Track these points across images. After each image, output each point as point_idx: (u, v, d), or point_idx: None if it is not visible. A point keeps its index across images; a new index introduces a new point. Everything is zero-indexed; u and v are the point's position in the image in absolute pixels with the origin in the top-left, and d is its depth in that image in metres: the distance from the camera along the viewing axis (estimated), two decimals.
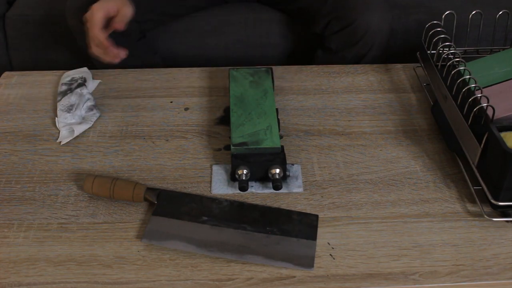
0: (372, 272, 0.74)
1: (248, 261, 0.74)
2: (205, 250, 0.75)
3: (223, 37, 1.36)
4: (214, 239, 0.77)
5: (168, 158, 0.92)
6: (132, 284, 0.72)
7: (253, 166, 0.85)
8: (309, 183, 0.87)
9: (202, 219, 0.80)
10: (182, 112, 1.02)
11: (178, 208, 0.81)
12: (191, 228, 0.78)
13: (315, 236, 0.78)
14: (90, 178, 0.83)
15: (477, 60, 0.98)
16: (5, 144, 0.95)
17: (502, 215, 0.81)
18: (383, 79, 1.11)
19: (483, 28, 1.06)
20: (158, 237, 0.77)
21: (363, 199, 0.84)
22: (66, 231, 0.79)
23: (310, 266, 0.74)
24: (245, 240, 0.77)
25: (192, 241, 0.76)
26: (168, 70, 1.14)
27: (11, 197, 0.85)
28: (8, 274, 0.73)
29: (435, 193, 0.85)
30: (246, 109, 0.94)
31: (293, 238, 0.77)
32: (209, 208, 0.82)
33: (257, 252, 0.75)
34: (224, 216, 0.80)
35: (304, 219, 0.81)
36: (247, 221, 0.80)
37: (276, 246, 0.76)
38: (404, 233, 0.79)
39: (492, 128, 0.79)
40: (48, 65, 1.40)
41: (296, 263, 0.74)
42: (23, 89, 1.08)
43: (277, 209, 0.83)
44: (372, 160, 0.91)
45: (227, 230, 0.78)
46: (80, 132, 0.96)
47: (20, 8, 1.42)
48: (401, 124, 0.99)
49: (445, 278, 0.73)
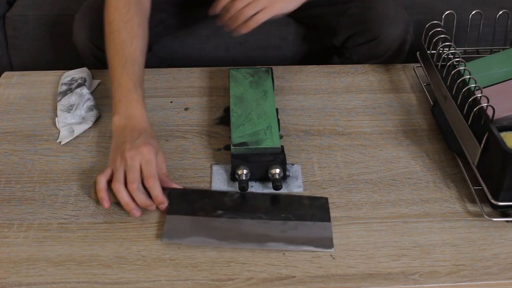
0: (372, 272, 0.74)
1: (270, 249, 0.76)
2: (226, 243, 0.77)
3: (224, 40, 1.36)
4: (233, 231, 0.78)
5: (168, 158, 0.92)
6: (132, 284, 0.72)
7: (253, 166, 0.85)
8: (309, 183, 0.87)
9: (217, 213, 0.81)
10: (182, 112, 1.02)
11: (192, 205, 0.82)
12: (208, 223, 0.79)
13: (329, 218, 0.80)
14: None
15: (477, 60, 0.98)
16: (5, 144, 0.95)
17: (502, 215, 0.81)
18: (383, 79, 1.11)
19: (483, 28, 1.06)
20: (177, 235, 0.77)
21: (363, 199, 0.84)
22: (66, 231, 0.79)
23: (330, 247, 0.76)
24: (263, 229, 0.78)
25: (212, 236, 0.77)
26: (168, 70, 1.14)
27: (11, 197, 0.85)
28: (8, 274, 0.73)
29: (435, 193, 0.85)
30: (246, 109, 0.94)
31: (309, 222, 0.80)
32: (222, 201, 0.83)
33: (277, 239, 0.77)
34: (238, 208, 0.82)
35: (315, 203, 0.83)
36: (261, 210, 0.81)
37: (294, 231, 0.78)
38: (404, 233, 0.79)
39: (492, 128, 0.79)
40: (48, 65, 1.40)
41: (316, 245, 0.76)
42: (23, 89, 1.08)
43: (288, 195, 0.84)
44: (372, 160, 0.91)
45: (244, 221, 0.80)
46: (80, 132, 0.96)
47: (20, 8, 1.42)
48: (401, 124, 0.99)
49: (445, 278, 0.73)
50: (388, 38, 1.15)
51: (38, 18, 1.39)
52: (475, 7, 1.06)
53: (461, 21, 1.07)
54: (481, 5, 1.35)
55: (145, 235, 0.78)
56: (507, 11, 1.06)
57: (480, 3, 1.38)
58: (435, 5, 1.39)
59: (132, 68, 0.93)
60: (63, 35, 1.36)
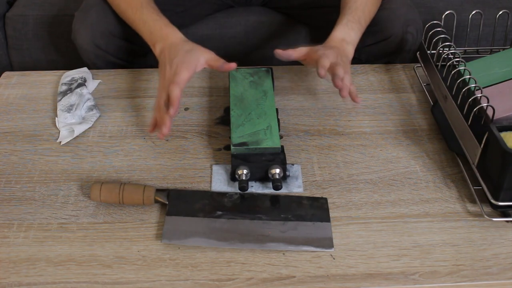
0: (372, 272, 0.74)
1: (271, 249, 0.76)
2: (226, 243, 0.77)
3: (224, 40, 1.36)
4: (233, 231, 0.78)
5: (168, 158, 0.92)
6: (132, 284, 0.72)
7: (253, 166, 0.85)
8: (309, 183, 0.87)
9: (216, 213, 0.81)
10: (182, 112, 1.02)
11: (191, 206, 0.82)
12: (208, 224, 0.79)
13: (329, 218, 0.80)
14: (96, 186, 0.82)
15: (477, 60, 0.98)
16: (5, 144, 0.95)
17: (502, 215, 0.81)
18: (383, 79, 1.11)
19: (483, 28, 1.06)
20: (177, 236, 0.77)
21: (363, 199, 0.84)
22: (66, 231, 0.79)
23: (330, 247, 0.76)
24: (263, 229, 0.78)
25: (212, 236, 0.77)
26: None
27: (11, 197, 0.85)
28: (8, 274, 0.73)
29: (435, 193, 0.85)
30: (246, 109, 0.94)
31: (308, 222, 0.80)
32: (221, 202, 0.83)
33: (277, 239, 0.77)
34: (238, 209, 0.82)
35: (315, 203, 0.83)
36: (261, 211, 0.81)
37: (294, 231, 0.78)
38: (404, 233, 0.79)
39: (492, 128, 0.79)
40: (48, 65, 1.40)
41: (316, 245, 0.76)
42: (23, 89, 1.08)
43: (287, 196, 0.84)
44: (372, 160, 0.91)
45: (244, 221, 0.80)
46: (80, 132, 0.96)
47: (20, 8, 1.42)
48: (401, 124, 0.99)
49: (445, 278, 0.73)
50: (399, 38, 1.14)
51: (38, 18, 1.39)
52: (475, 7, 1.06)
53: (461, 21, 1.07)
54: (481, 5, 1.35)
55: (145, 235, 0.78)
56: (507, 11, 1.06)
57: (480, 3, 1.38)
58: (435, 5, 1.39)
59: (149, 6, 1.02)
60: (63, 35, 1.36)
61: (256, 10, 1.38)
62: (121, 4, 1.07)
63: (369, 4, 1.05)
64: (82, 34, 1.14)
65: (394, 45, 1.16)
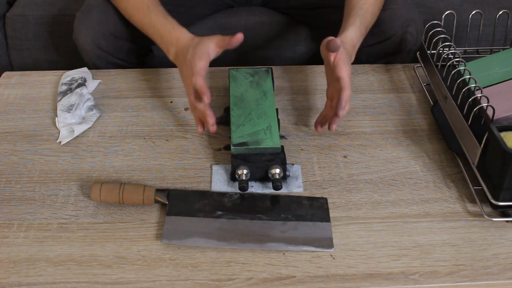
0: (372, 272, 0.74)
1: (271, 249, 0.76)
2: (226, 243, 0.77)
3: None
4: (233, 231, 0.78)
5: (168, 158, 0.92)
6: (132, 284, 0.72)
7: (253, 166, 0.85)
8: (309, 183, 0.87)
9: (216, 213, 0.81)
10: (182, 112, 1.02)
11: (191, 206, 0.82)
12: (208, 224, 0.79)
13: (329, 218, 0.80)
14: (96, 186, 0.82)
15: (477, 60, 0.98)
16: (5, 144, 0.95)
17: (502, 215, 0.81)
18: (383, 79, 1.11)
19: (483, 28, 1.06)
20: (177, 236, 0.77)
21: (363, 199, 0.84)
22: (66, 231, 0.79)
23: (330, 247, 0.76)
24: (263, 229, 0.78)
25: (211, 236, 0.77)
26: (168, 70, 1.14)
27: (11, 197, 0.85)
28: (8, 274, 0.73)
29: (435, 193, 0.85)
30: (246, 109, 0.94)
31: (309, 222, 0.80)
32: (221, 202, 0.83)
33: (278, 239, 0.77)
34: (238, 209, 0.82)
35: (315, 203, 0.83)
36: (261, 211, 0.81)
37: (294, 231, 0.78)
38: (404, 233, 0.79)
39: (492, 128, 0.79)
40: (48, 65, 1.40)
41: (316, 245, 0.76)
42: (23, 89, 1.08)
43: (287, 196, 0.84)
44: (372, 160, 0.91)
45: (244, 221, 0.80)
46: (80, 132, 0.96)
47: (20, 8, 1.42)
48: (401, 124, 0.99)
49: (445, 278, 0.73)
50: (399, 38, 1.14)
51: (38, 18, 1.39)
52: (475, 7, 1.06)
53: (461, 21, 1.07)
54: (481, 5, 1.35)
55: (145, 235, 0.78)
56: (507, 11, 1.06)
57: (480, 3, 1.38)
58: (435, 5, 1.39)
59: (156, 9, 1.02)
60: (63, 35, 1.36)
61: (256, 10, 1.38)
62: (128, 8, 1.07)
63: (376, 9, 1.05)
64: (83, 35, 1.14)
65: (394, 45, 1.15)
